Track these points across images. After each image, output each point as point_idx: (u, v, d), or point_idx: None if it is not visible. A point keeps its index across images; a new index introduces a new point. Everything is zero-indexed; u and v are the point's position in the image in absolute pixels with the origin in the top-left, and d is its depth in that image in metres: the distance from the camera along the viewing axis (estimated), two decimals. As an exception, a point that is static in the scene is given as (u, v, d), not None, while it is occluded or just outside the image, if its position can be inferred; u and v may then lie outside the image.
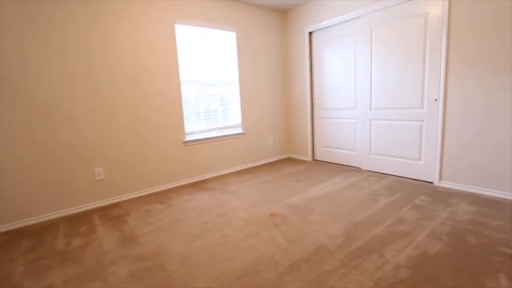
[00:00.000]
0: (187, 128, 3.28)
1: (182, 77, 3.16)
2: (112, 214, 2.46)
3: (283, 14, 4.11)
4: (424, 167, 2.83)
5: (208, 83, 3.42)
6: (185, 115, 3.24)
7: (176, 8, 3.01)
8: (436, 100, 2.64)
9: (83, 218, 2.40)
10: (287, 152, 4.45)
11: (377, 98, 3.12)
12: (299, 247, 1.72)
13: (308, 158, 4.11)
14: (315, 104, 3.93)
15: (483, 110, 2.34)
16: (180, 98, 3.14)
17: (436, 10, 2.53)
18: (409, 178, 2.98)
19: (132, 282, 1.48)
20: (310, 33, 3.80)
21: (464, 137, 2.48)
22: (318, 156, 4.05)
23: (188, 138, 3.25)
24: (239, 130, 3.74)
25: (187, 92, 3.25)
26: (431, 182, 2.79)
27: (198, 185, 3.17)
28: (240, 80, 3.68)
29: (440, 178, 2.70)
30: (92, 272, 1.60)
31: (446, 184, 2.66)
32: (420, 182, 2.85)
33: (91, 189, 2.61)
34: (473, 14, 2.30)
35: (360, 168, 3.48)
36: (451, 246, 1.64)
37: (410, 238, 1.75)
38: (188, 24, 3.12)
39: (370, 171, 3.35)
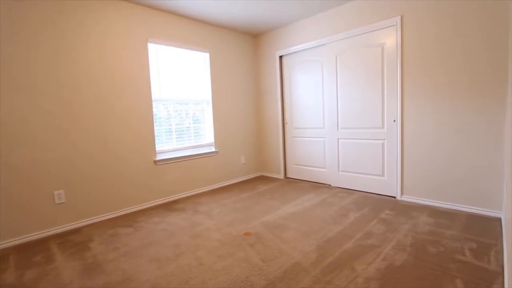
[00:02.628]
0: (158, 147, 3.20)
1: (154, 94, 3.13)
2: (73, 240, 2.26)
3: (255, 37, 4.31)
4: (387, 182, 3.04)
5: (181, 101, 3.41)
6: (156, 133, 3.17)
7: (149, 27, 3.03)
8: (394, 120, 2.90)
9: (38, 246, 2.18)
10: (260, 171, 4.50)
11: (343, 118, 3.34)
12: (274, 266, 1.72)
13: (281, 176, 4.19)
14: (286, 123, 4.08)
15: (433, 129, 2.62)
16: (152, 116, 3.08)
17: (391, 41, 2.84)
18: (375, 193, 3.16)
19: (95, 315, 1.36)
20: (281, 56, 4.02)
21: (418, 154, 2.73)
22: (290, 174, 4.14)
23: (160, 157, 3.17)
24: (212, 149, 3.73)
25: (159, 110, 3.20)
26: (394, 197, 2.99)
27: (168, 206, 3.05)
28: (213, 99, 3.73)
29: (402, 193, 2.91)
30: (49, 307, 1.44)
31: (407, 198, 2.87)
32: (384, 197, 3.03)
33: (49, 214, 2.40)
34: (420, 45, 2.63)
35: (330, 185, 3.62)
36: (414, 256, 1.76)
37: (378, 251, 1.84)
38: (160, 43, 3.14)
39: (339, 187, 3.50)
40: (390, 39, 2.85)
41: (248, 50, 4.20)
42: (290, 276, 1.60)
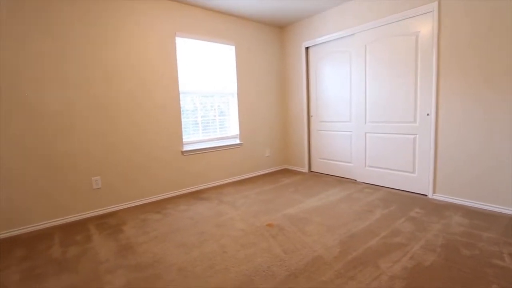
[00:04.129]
0: (185, 138, 3.32)
1: (182, 87, 3.23)
2: (108, 223, 2.44)
3: (281, 29, 4.25)
4: (418, 179, 2.89)
5: (207, 94, 3.48)
6: (183, 125, 3.29)
7: (177, 22, 3.10)
8: (428, 114, 2.73)
9: (79, 226, 2.39)
10: (284, 163, 4.49)
11: (372, 111, 3.21)
12: (296, 258, 1.73)
13: (305, 169, 4.15)
14: (311, 116, 4.01)
15: (472, 124, 2.43)
16: (179, 108, 3.19)
17: (426, 29, 2.66)
18: (403, 190, 3.03)
19: (128, 291, 1.48)
20: (307, 48, 3.93)
21: (456, 150, 2.56)
22: (314, 168, 4.09)
23: (186, 148, 3.28)
24: (237, 141, 3.79)
25: (186, 102, 3.30)
26: (425, 195, 2.84)
27: (194, 195, 3.17)
28: (239, 92, 3.76)
29: (434, 191, 2.75)
30: (88, 281, 1.58)
31: (439, 196, 2.71)
32: (414, 194, 2.90)
33: (88, 198, 2.61)
34: (458, 34, 2.42)
35: (355, 180, 3.52)
36: (445, 257, 1.68)
37: (405, 250, 1.78)
38: (188, 37, 3.21)
39: (365, 183, 3.39)
40: (425, 27, 2.66)
41: (273, 42, 4.16)
42: (312, 269, 1.60)
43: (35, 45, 2.28)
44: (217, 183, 3.59)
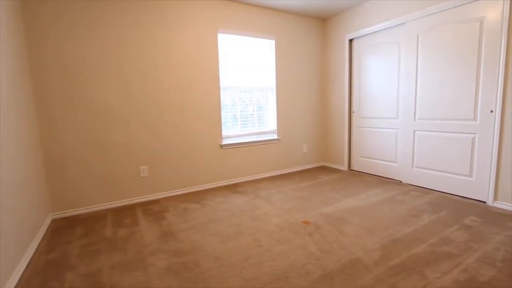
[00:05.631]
0: (224, 132, 3.41)
1: (221, 82, 3.30)
2: (153, 209, 2.63)
3: (323, 21, 4.09)
4: (475, 184, 2.58)
5: (245, 89, 3.52)
6: (222, 119, 3.37)
7: (219, 18, 3.17)
8: (492, 111, 2.41)
9: (128, 211, 2.61)
10: (322, 160, 4.36)
11: (423, 107, 2.94)
12: (332, 258, 1.68)
13: (344, 167, 3.99)
14: (353, 112, 3.82)
15: (551, 124, 2.08)
16: (219, 103, 3.28)
17: (495, 14, 2.33)
18: (457, 195, 2.74)
19: (169, 274, 1.57)
20: (351, 40, 3.72)
21: (526, 154, 2.22)
22: (354, 166, 3.90)
23: (225, 142, 3.37)
24: (274, 136, 3.78)
25: (225, 97, 3.38)
26: (484, 202, 2.53)
27: (231, 188, 3.25)
28: (277, 86, 3.73)
29: (495, 198, 2.44)
30: (134, 261, 1.73)
31: (501, 205, 2.39)
32: (470, 200, 2.60)
33: (136, 185, 2.83)
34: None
35: (400, 181, 3.28)
36: (507, 273, 1.48)
37: (457, 261, 1.61)
38: (229, 32, 3.26)
39: (412, 185, 3.14)
40: (493, 11, 2.33)
41: (314, 35, 4.03)
42: (349, 271, 1.54)
43: (96, 46, 2.52)
44: (253, 177, 3.64)
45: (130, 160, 2.78)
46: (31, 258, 1.80)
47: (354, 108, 3.80)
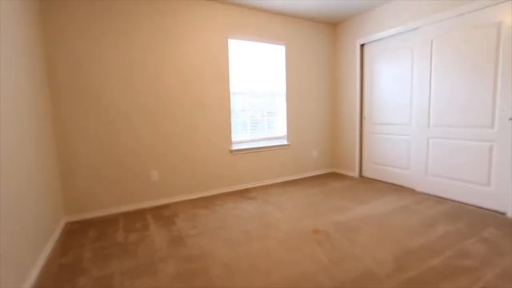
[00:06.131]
0: (234, 138, 3.42)
1: (232, 88, 3.33)
2: (163, 214, 2.66)
3: (334, 26, 4.07)
4: (494, 194, 2.48)
5: (255, 94, 3.53)
6: (232, 124, 3.39)
7: (230, 24, 3.20)
8: (510, 119, 2.32)
9: (138, 215, 2.65)
10: (332, 167, 4.31)
11: (437, 114, 2.86)
12: (343, 269, 1.64)
13: (355, 174, 3.92)
14: (364, 118, 3.76)
15: None
16: (229, 108, 3.29)
17: (514, 19, 2.25)
18: (474, 205, 2.64)
19: (178, 281, 1.58)
20: (362, 45, 3.69)
21: (548, 163, 2.12)
22: (366, 173, 3.83)
23: (235, 147, 3.38)
24: (284, 142, 3.76)
25: (235, 102, 3.40)
26: (503, 213, 2.43)
27: (241, 194, 3.25)
28: (287, 92, 3.72)
29: (515, 209, 2.34)
30: (145, 267, 1.74)
31: (523, 216, 2.29)
32: (488, 211, 2.50)
33: (147, 189, 2.87)
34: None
35: (414, 189, 3.19)
36: (530, 291, 1.40)
37: (476, 275, 1.54)
38: (239, 38, 3.29)
39: (426, 193, 3.05)
40: (510, 17, 2.26)
41: (325, 40, 4.01)
42: (361, 283, 1.50)
43: (104, 52, 2.59)
44: (263, 183, 3.62)
45: (140, 165, 2.82)
46: (46, 261, 1.84)
47: (365, 114, 3.75)
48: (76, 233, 2.27)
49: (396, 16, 3.18)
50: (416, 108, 3.07)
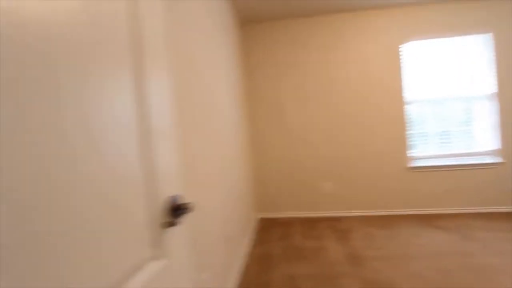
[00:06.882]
0: (413, 152, 2.94)
1: (409, 96, 2.90)
2: (336, 226, 2.67)
3: None
4: None
5: (441, 100, 2.88)
6: (409, 137, 2.93)
7: (403, 27, 2.83)
8: None
9: (313, 223, 2.81)
10: None
11: None
12: None
13: None
14: None
15: None
16: (404, 120, 2.88)
17: None
18: None
19: (365, 305, 1.50)
20: None
21: None
22: None
23: (414, 163, 2.90)
24: (492, 159, 2.81)
25: (413, 111, 2.92)
26: None
27: (425, 220, 2.72)
28: (499, 92, 2.78)
29: None
30: (324, 277, 1.79)
31: None
32: None
33: (320, 200, 3.01)
34: None
35: None
36: None
37: None
38: (417, 39, 2.83)
39: None
40: None
41: None
42: None
43: (284, 81, 2.98)
44: (455, 210, 2.87)
45: (315, 176, 3.01)
46: (246, 252, 2.31)
47: None
48: (265, 229, 2.72)
49: None
50: None
